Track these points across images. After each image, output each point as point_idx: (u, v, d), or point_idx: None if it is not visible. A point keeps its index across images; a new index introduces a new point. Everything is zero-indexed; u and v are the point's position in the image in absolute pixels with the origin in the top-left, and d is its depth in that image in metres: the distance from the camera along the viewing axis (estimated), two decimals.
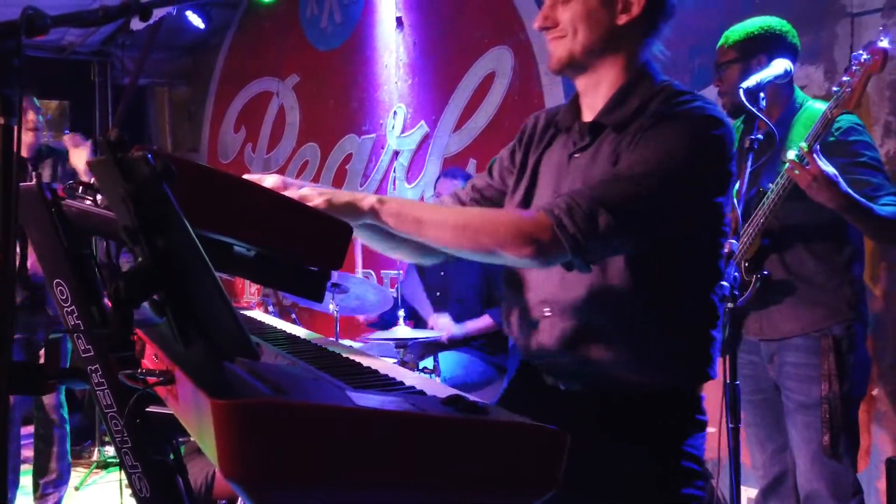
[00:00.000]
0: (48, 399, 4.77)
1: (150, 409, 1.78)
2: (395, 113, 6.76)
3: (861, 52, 2.82)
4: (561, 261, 1.82)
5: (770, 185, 3.05)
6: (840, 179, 2.81)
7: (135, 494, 1.89)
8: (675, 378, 1.95)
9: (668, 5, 1.98)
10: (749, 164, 2.73)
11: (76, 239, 1.79)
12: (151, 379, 1.47)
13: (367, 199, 1.84)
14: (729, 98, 3.19)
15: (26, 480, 4.83)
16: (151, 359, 1.63)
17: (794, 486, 3.30)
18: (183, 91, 9.71)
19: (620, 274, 1.88)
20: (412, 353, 5.21)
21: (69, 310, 1.80)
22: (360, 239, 2.06)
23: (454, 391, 1.49)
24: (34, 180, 1.79)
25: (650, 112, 1.90)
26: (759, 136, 2.76)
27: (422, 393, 1.52)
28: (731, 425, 2.52)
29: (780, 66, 2.90)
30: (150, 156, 1.19)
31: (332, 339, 4.65)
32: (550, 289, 1.98)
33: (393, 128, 6.76)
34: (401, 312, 5.08)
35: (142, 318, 1.76)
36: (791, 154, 2.85)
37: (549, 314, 1.99)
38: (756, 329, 3.26)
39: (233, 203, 1.56)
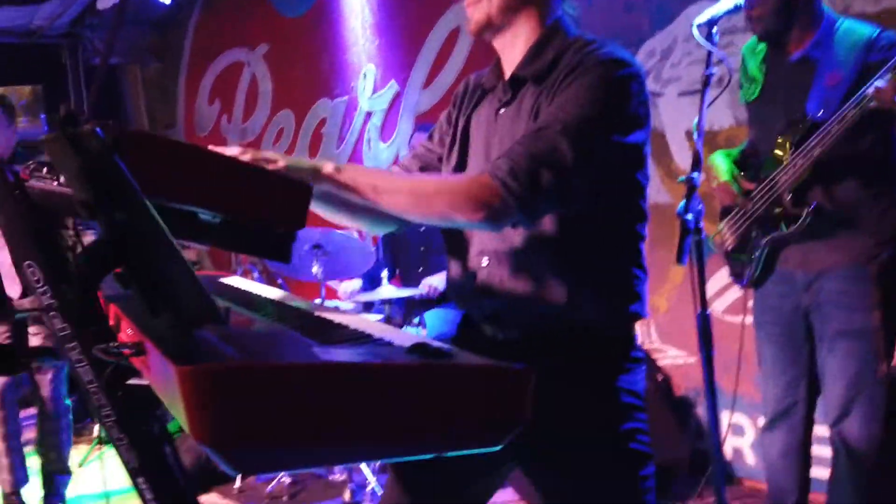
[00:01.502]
0: (45, 390, 4.77)
1: (132, 381, 1.80)
2: (365, 74, 6.75)
3: None
4: (511, 221, 1.89)
5: (819, 112, 3.02)
6: None
7: (124, 465, 1.92)
8: (605, 318, 2.01)
9: None
10: (706, 99, 2.71)
11: (42, 219, 1.80)
12: (125, 351, 1.50)
13: (326, 167, 1.91)
14: (762, 24, 3.15)
15: (31, 461, 4.85)
16: (127, 332, 1.65)
17: (804, 418, 3.31)
18: (155, 68, 9.61)
19: (550, 219, 1.95)
20: (398, 311, 5.25)
21: (42, 290, 1.81)
22: (317, 210, 2.11)
23: (421, 339, 1.52)
24: None
25: (564, 63, 1.96)
26: (713, 72, 2.73)
27: (390, 344, 1.55)
28: (704, 354, 2.55)
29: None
30: (98, 129, 1.20)
31: (313, 300, 4.71)
32: (487, 239, 2.06)
33: (364, 89, 6.76)
34: (384, 273, 5.11)
35: (114, 293, 1.79)
36: (881, 83, 2.81)
37: (486, 264, 2.06)
38: (798, 260, 3.21)
39: (191, 172, 1.57)
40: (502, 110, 2.08)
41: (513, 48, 2.09)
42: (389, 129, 6.55)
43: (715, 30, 2.80)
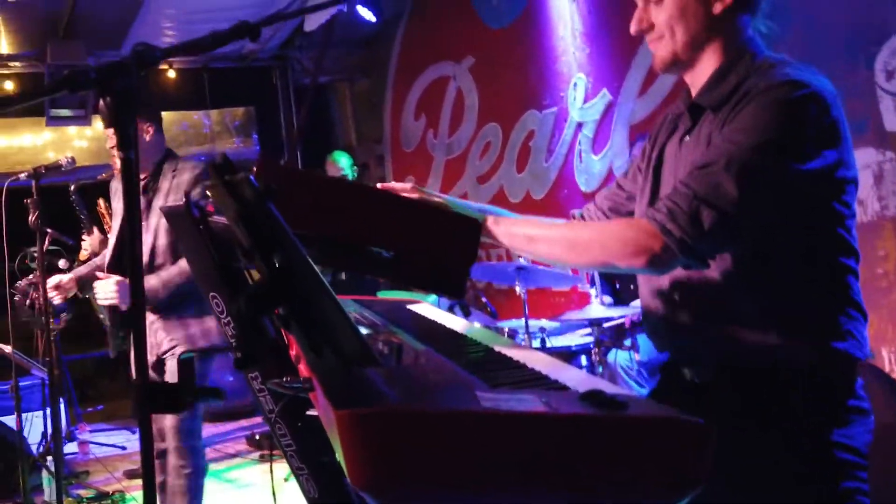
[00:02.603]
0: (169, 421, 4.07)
1: (312, 412, 1.82)
2: (575, 84, 6.64)
3: None
4: (677, 265, 1.81)
5: None
6: None
7: (304, 494, 1.93)
8: (809, 360, 1.85)
9: None
10: None
11: (226, 253, 1.84)
12: (296, 387, 1.53)
13: (486, 219, 1.93)
14: None
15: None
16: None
17: None
18: (363, 84, 9.89)
19: (743, 255, 1.85)
20: (608, 333, 5.10)
21: (226, 321, 1.86)
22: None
23: (601, 384, 1.45)
24: (184, 200, 1.85)
25: (743, 89, 1.84)
26: None
27: (564, 388, 1.48)
28: None
29: None
30: (252, 177, 1.22)
31: (495, 327, 4.60)
32: (675, 278, 1.97)
33: (574, 99, 6.65)
34: (593, 291, 5.00)
35: None
36: None
37: (678, 299, 1.98)
38: None
39: (364, 211, 1.65)
40: (686, 138, 1.99)
41: (699, 77, 1.99)
42: (602, 140, 6.42)
43: None
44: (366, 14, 7.71)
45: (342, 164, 7.18)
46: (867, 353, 1.88)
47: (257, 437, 6.64)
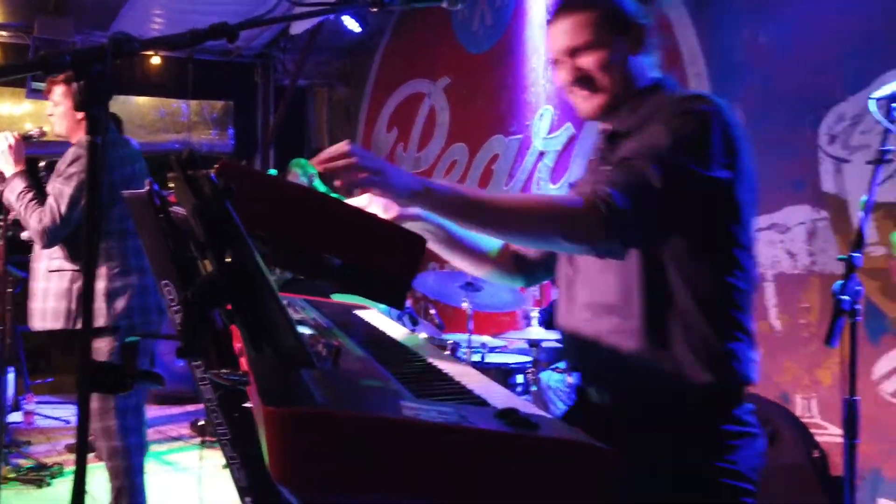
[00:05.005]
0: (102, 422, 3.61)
1: (249, 405, 1.88)
2: (541, 115, 6.77)
3: None
4: (603, 246, 1.83)
5: None
6: None
7: (235, 483, 2.00)
8: (701, 383, 1.90)
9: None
10: (878, 176, 2.65)
11: (182, 243, 1.90)
12: (233, 380, 1.58)
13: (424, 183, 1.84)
14: None
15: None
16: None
17: None
18: (341, 91, 10.01)
19: (641, 267, 1.93)
20: (546, 354, 5.21)
21: (176, 309, 1.92)
22: (439, 252, 2.17)
23: (518, 402, 1.51)
24: (147, 187, 1.91)
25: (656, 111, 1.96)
26: (891, 148, 2.67)
27: (484, 404, 1.55)
28: (847, 441, 2.49)
29: None
30: (213, 175, 1.28)
31: (440, 339, 4.69)
32: (590, 292, 2.05)
33: (539, 129, 6.78)
34: (534, 313, 5.11)
35: None
36: None
37: (588, 318, 2.05)
38: None
39: (317, 218, 1.67)
40: (603, 166, 2.07)
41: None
42: (560, 170, 6.55)
43: (894, 105, 2.71)
44: (351, 24, 7.79)
45: (295, 170, 7.27)
46: (754, 377, 1.94)
47: (200, 424, 6.68)
